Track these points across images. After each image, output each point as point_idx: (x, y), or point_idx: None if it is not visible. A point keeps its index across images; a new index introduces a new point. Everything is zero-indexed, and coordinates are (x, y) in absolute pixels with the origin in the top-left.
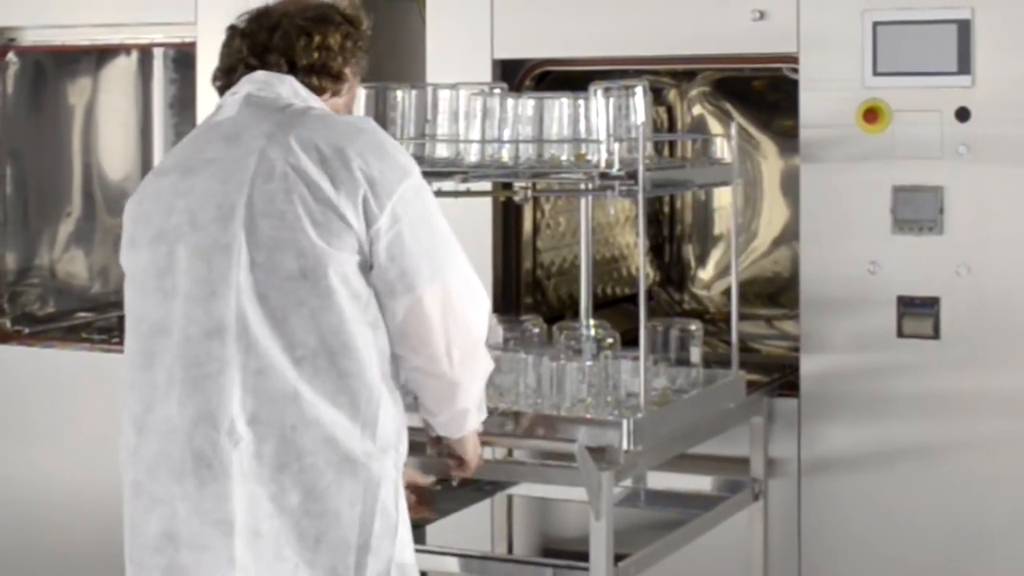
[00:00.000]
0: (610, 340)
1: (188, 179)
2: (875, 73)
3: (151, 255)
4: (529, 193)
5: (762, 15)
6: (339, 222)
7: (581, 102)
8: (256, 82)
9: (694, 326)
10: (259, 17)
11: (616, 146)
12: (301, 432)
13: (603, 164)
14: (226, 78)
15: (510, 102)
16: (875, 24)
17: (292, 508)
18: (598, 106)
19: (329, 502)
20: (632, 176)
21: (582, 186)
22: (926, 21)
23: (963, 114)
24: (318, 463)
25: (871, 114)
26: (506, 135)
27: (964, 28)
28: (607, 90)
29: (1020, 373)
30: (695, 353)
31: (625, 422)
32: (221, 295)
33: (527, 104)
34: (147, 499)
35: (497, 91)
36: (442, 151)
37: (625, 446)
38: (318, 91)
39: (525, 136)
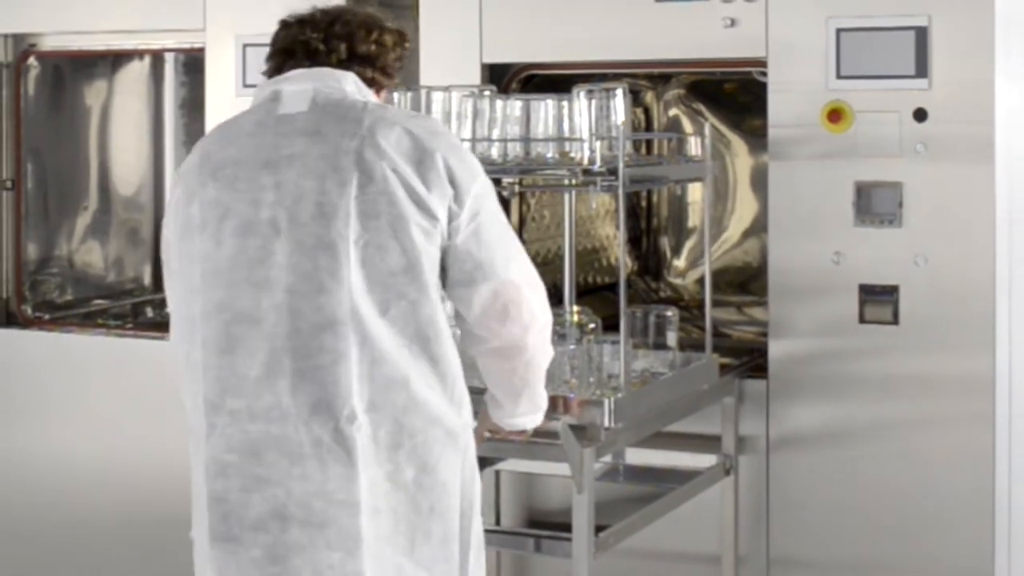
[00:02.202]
0: (592, 326)
1: (273, 174)
2: (838, 76)
3: (239, 246)
4: (516, 188)
5: (733, 22)
6: (432, 220)
7: (565, 103)
8: (321, 78)
9: (670, 312)
10: (317, 12)
11: (598, 144)
12: (411, 414)
13: (586, 161)
14: (282, 58)
15: (499, 103)
16: (838, 31)
17: (407, 483)
18: (581, 107)
19: (440, 474)
20: (612, 172)
21: (566, 182)
22: (886, 28)
23: (920, 115)
24: (427, 440)
25: (835, 115)
26: (495, 134)
27: (921, 34)
28: (589, 92)
29: (973, 356)
30: (671, 338)
31: (607, 401)
32: (330, 291)
33: (515, 105)
34: (245, 479)
35: (487, 93)
36: None
37: (607, 423)
38: (370, 84)
39: (513, 135)
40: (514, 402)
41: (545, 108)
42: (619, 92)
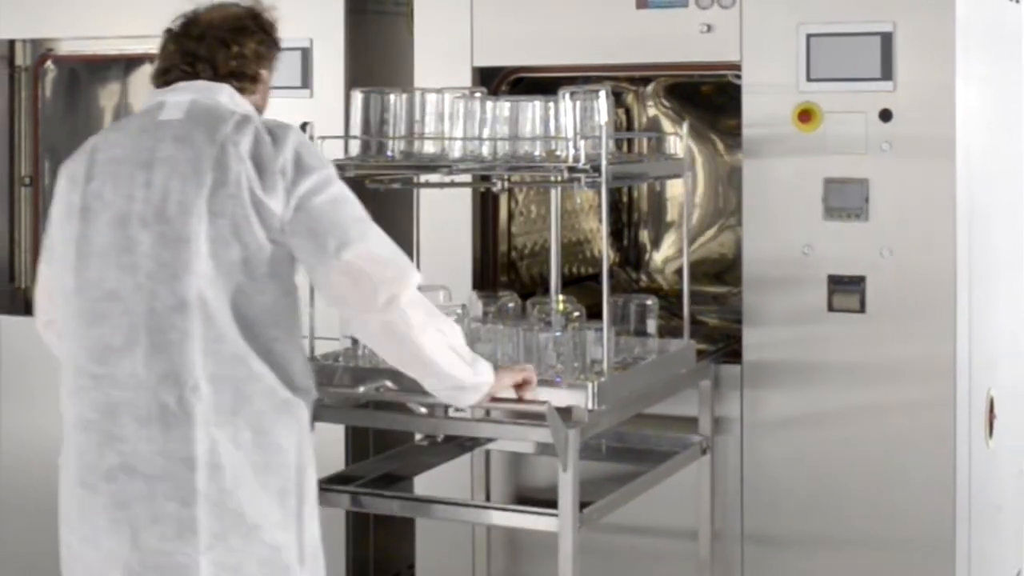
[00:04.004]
0: (577, 314)
1: (146, 173)
2: (808, 79)
3: (113, 235)
4: (505, 184)
5: (709, 28)
6: (272, 218)
7: (551, 104)
8: (200, 90)
9: (650, 301)
10: (188, 25)
11: (582, 143)
12: (250, 384)
13: (571, 159)
14: (163, 77)
15: (489, 104)
16: (808, 36)
17: (246, 444)
18: (566, 108)
19: (274, 437)
20: (596, 169)
21: (552, 178)
22: (853, 33)
23: (886, 115)
24: (264, 408)
25: (805, 115)
26: (485, 133)
27: (887, 39)
28: (574, 94)
29: (935, 343)
30: (651, 325)
31: (590, 385)
32: (182, 278)
33: (504, 106)
34: (102, 435)
35: (477, 95)
36: (429, 148)
37: (590, 406)
38: (241, 92)
39: (502, 134)
40: (425, 379)
41: (532, 109)
42: (602, 93)
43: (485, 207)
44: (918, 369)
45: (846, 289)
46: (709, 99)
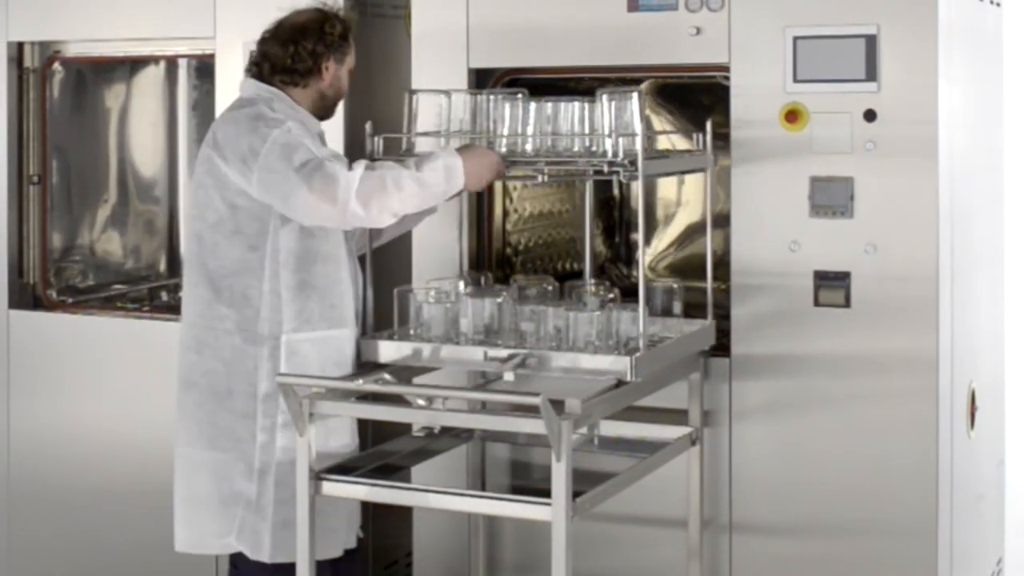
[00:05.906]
0: (612, 296)
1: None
2: (795, 80)
3: None
4: (545, 177)
5: (699, 31)
6: (232, 183)
7: (588, 104)
8: (243, 87)
9: (676, 285)
10: (272, 28)
11: (620, 140)
12: (215, 323)
13: (609, 154)
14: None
15: (532, 105)
16: (795, 39)
17: (214, 370)
18: (603, 108)
19: (236, 367)
20: (633, 163)
21: (592, 171)
22: (838, 36)
23: (870, 115)
24: (228, 344)
25: (792, 115)
26: (529, 131)
27: (871, 42)
28: (610, 95)
29: (918, 336)
30: (677, 306)
31: (629, 358)
32: (187, 233)
33: (545, 106)
34: None
35: (519, 96)
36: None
37: (630, 377)
38: (290, 84)
39: (545, 132)
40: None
41: (571, 109)
42: (635, 96)
43: (480, 206)
44: (901, 362)
45: (831, 284)
46: (698, 100)
